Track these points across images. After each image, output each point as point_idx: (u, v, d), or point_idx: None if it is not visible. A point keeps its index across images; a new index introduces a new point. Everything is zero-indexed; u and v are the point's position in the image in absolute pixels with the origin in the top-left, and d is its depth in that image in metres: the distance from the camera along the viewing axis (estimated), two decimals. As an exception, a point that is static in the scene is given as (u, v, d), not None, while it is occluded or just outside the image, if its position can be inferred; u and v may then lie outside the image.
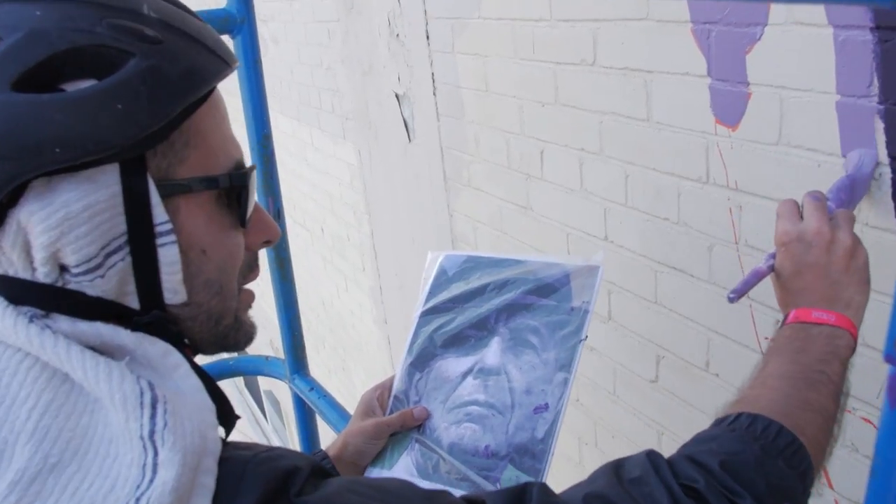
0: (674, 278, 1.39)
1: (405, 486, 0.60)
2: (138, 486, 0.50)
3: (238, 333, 0.68)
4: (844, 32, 0.97)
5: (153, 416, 0.53)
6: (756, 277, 0.88)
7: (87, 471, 0.51)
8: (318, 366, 4.17)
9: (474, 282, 0.96)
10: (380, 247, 2.87)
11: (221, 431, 0.59)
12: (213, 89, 0.62)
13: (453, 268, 0.98)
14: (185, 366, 0.59)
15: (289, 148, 3.61)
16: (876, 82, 0.95)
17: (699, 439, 0.68)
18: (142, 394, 0.53)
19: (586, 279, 0.94)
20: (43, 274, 0.55)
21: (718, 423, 0.71)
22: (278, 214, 1.25)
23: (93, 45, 0.54)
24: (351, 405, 1.74)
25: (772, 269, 0.87)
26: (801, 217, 0.85)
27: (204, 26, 0.62)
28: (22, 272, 0.56)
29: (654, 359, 1.51)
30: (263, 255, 0.74)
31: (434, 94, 2.07)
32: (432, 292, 0.98)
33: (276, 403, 6.16)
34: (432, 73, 2.05)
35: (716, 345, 1.34)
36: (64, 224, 0.53)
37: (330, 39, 2.73)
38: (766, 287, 1.20)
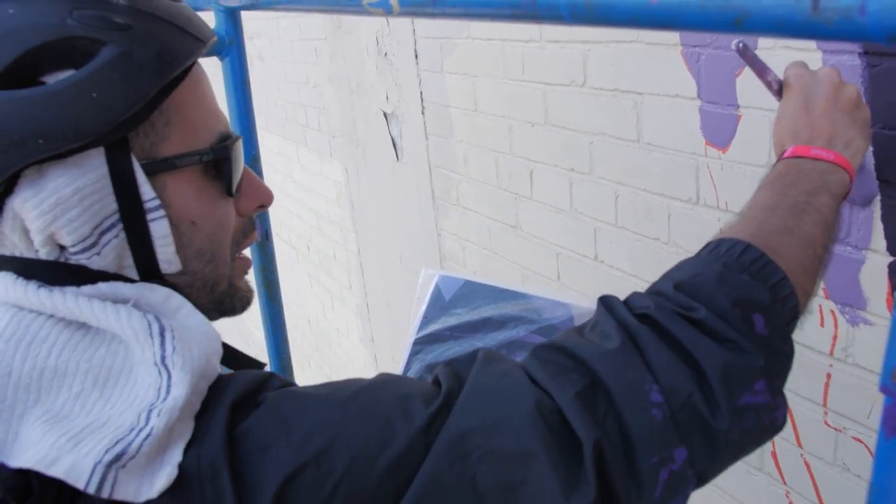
0: (664, 298, 1.39)
1: (355, 378, 0.63)
2: (152, 404, 0.55)
3: (234, 299, 0.71)
4: (833, 57, 0.98)
5: (163, 343, 0.57)
6: (765, 71, 0.86)
7: (109, 397, 0.56)
8: (304, 384, 4.13)
9: (474, 313, 0.95)
10: (367, 265, 2.86)
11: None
12: (191, 66, 0.64)
13: (450, 292, 0.97)
14: (188, 306, 0.62)
15: (274, 165, 3.59)
16: (865, 106, 0.96)
17: (665, 272, 0.67)
18: (150, 325, 0.58)
19: None
20: (45, 253, 0.59)
21: None
22: (266, 236, 1.24)
23: (64, 38, 0.56)
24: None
25: (779, 87, 0.85)
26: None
27: (176, 6, 0.64)
28: (25, 253, 0.60)
29: (645, 379, 1.50)
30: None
31: (422, 112, 2.07)
32: (428, 317, 0.96)
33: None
34: (421, 92, 2.05)
35: (706, 365, 1.34)
36: (56, 209, 0.57)
37: (317, 57, 2.73)
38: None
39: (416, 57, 2.02)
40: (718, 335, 0.59)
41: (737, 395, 0.58)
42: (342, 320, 3.32)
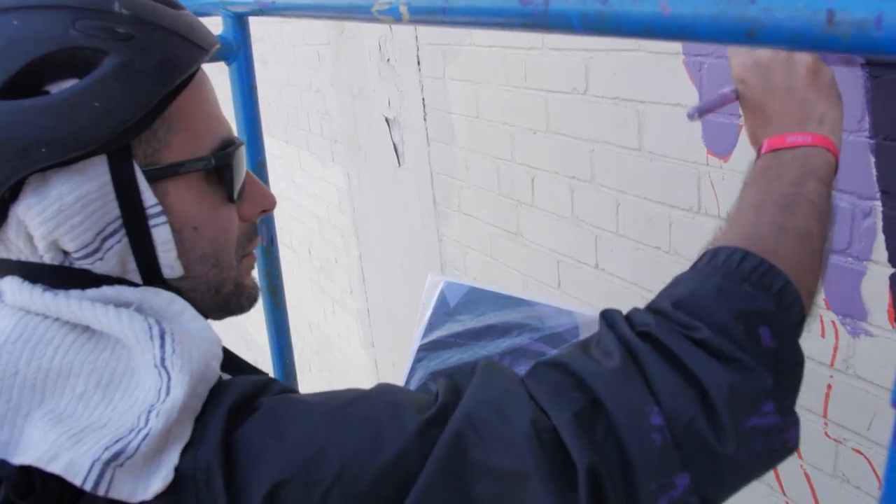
0: (665, 306, 1.39)
1: (353, 388, 0.63)
2: (152, 405, 0.56)
3: (241, 298, 0.72)
4: (836, 68, 0.98)
5: (162, 346, 0.58)
6: (721, 99, 0.82)
7: (111, 399, 0.57)
8: (304, 388, 4.11)
9: (479, 320, 0.94)
10: (368, 270, 2.86)
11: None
12: (194, 73, 0.64)
13: (455, 298, 0.96)
14: (191, 310, 0.63)
15: (276, 169, 3.60)
16: (867, 117, 0.96)
17: (664, 289, 0.65)
18: (150, 328, 0.59)
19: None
20: (49, 258, 0.60)
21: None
22: (272, 242, 1.24)
23: (67, 48, 0.57)
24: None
25: (736, 94, 0.80)
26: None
27: (179, 14, 0.64)
28: (30, 257, 0.61)
29: (645, 386, 1.51)
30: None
31: (424, 118, 2.08)
32: (432, 323, 0.96)
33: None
34: (423, 99, 2.06)
35: (707, 373, 1.34)
36: (59, 215, 0.58)
37: (320, 62, 2.74)
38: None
39: (419, 63, 2.02)
40: (723, 355, 0.57)
41: (743, 418, 0.56)
42: (343, 325, 3.32)
